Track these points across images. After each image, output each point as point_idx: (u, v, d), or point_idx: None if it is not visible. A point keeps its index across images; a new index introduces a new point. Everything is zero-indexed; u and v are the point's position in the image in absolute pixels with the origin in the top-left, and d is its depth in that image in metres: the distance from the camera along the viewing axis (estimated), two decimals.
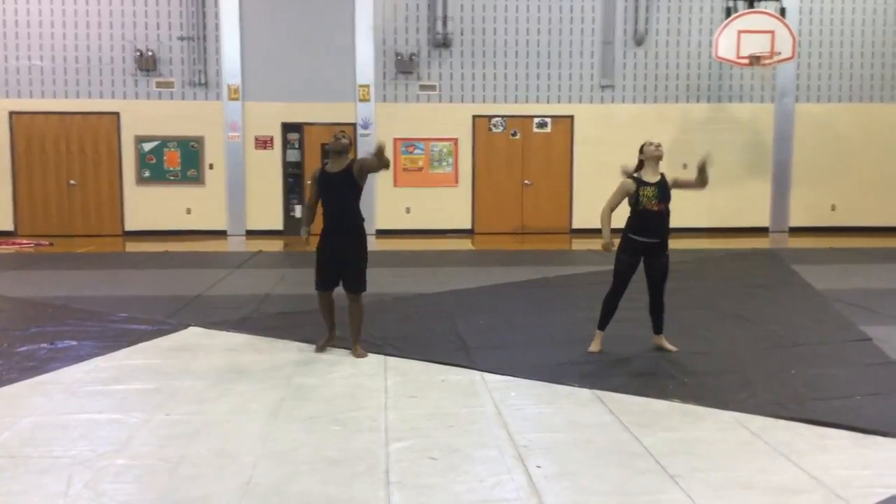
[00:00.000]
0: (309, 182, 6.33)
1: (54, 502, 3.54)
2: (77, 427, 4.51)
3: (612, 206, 6.17)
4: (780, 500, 3.59)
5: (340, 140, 6.08)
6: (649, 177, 6.09)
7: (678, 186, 6.16)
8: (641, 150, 6.18)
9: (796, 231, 15.58)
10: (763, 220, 15.77)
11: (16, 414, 4.73)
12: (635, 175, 6.13)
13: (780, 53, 13.89)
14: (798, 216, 15.75)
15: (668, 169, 6.34)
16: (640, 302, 6.49)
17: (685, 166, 15.35)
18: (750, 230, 15.39)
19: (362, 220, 6.18)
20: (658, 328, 6.33)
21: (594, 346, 6.22)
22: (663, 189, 6.06)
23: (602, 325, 6.27)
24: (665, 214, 6.10)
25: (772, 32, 13.86)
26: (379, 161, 5.90)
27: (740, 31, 13.87)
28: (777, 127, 15.62)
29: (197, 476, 3.85)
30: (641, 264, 6.19)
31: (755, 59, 13.92)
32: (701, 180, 6.17)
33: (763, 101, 15.58)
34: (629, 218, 6.14)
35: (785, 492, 3.68)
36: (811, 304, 8.29)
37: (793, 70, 15.32)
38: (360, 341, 6.21)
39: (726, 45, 13.98)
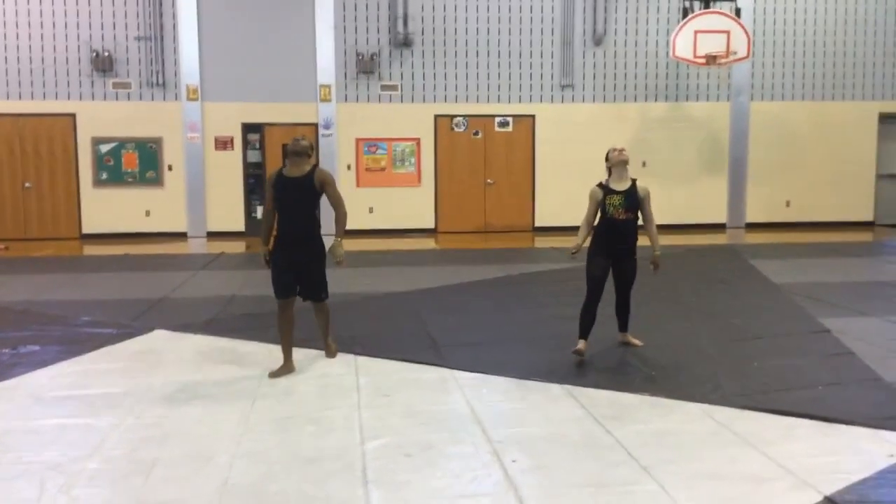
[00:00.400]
0: (266, 187, 5.86)
1: None
2: (46, 432, 4.45)
3: (589, 219, 6.11)
4: (749, 489, 3.69)
5: (300, 141, 5.66)
6: (617, 184, 6.04)
7: (640, 207, 6.08)
8: (607, 158, 6.13)
9: (752, 227, 15.90)
10: (720, 217, 16.07)
11: None
12: (603, 182, 6.10)
13: (735, 53, 14.15)
14: (754, 212, 16.07)
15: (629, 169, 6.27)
16: (609, 299, 6.57)
17: (644, 164, 15.64)
18: (707, 226, 15.66)
19: (319, 228, 5.75)
20: (624, 326, 6.40)
21: (581, 347, 6.00)
22: (631, 198, 6.00)
23: (584, 334, 6.04)
24: (631, 223, 6.03)
25: (727, 32, 14.11)
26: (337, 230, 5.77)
27: (697, 31, 14.10)
28: (733, 125, 15.92)
29: (172, 478, 3.83)
30: None
31: (711, 59, 14.17)
32: (650, 236, 6.17)
33: (719, 100, 15.87)
34: (597, 224, 6.10)
35: (754, 480, 3.78)
36: (771, 298, 8.48)
37: (748, 69, 15.63)
38: (331, 340, 6.15)
39: (683, 44, 14.21)
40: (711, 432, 4.46)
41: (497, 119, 15.44)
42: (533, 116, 15.51)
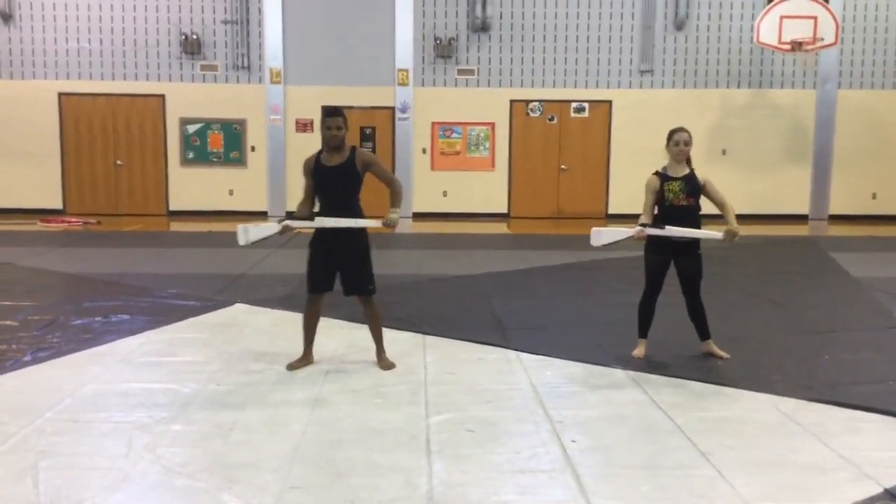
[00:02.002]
0: (304, 174, 5.41)
1: (116, 463, 3.77)
2: (135, 395, 4.77)
3: (648, 210, 5.61)
4: (807, 478, 3.70)
5: (336, 134, 5.19)
6: (675, 171, 5.63)
7: (706, 194, 5.66)
8: (669, 139, 5.65)
9: (836, 219, 15.44)
10: (802, 208, 15.65)
11: (77, 382, 4.99)
12: (660, 171, 5.69)
13: (822, 39, 13.73)
14: (838, 204, 15.60)
15: (706, 155, 6.17)
16: (675, 286, 6.54)
17: (724, 152, 15.38)
18: (789, 217, 15.29)
19: (364, 217, 5.37)
20: (703, 333, 5.79)
21: (638, 352, 5.73)
22: (691, 183, 5.58)
23: (642, 332, 5.77)
24: (695, 210, 5.62)
25: (814, 18, 13.70)
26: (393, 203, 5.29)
27: (782, 17, 13.73)
28: (818, 113, 15.46)
29: (248, 442, 4.07)
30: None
31: (797, 45, 13.79)
32: (727, 218, 5.66)
33: (805, 88, 15.42)
34: (657, 215, 5.66)
35: (813, 470, 3.79)
36: (848, 292, 8.30)
37: (835, 56, 15.14)
38: (384, 349, 5.56)
39: (768, 30, 13.86)
40: (775, 422, 4.45)
41: (573, 104, 15.39)
42: (610, 102, 15.40)
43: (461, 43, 15.22)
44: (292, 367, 5.39)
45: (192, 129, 15.27)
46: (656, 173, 5.70)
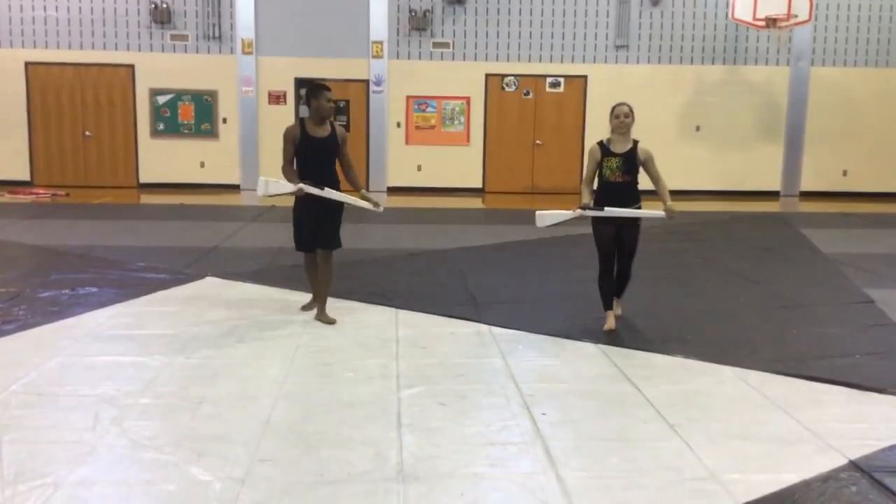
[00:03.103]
0: (286, 143, 5.77)
1: (82, 437, 3.73)
2: (102, 368, 4.71)
3: (589, 178, 5.79)
4: (773, 449, 3.75)
5: (332, 105, 5.84)
6: (617, 146, 5.73)
7: (645, 170, 5.78)
8: (611, 112, 5.76)
9: (807, 195, 15.58)
10: (774, 184, 15.78)
11: (42, 355, 4.92)
12: (603, 141, 5.80)
13: (796, 16, 13.75)
14: (809, 180, 15.74)
15: (679, 131, 6.26)
16: (653, 263, 6.61)
17: (698, 128, 15.44)
18: (761, 194, 15.41)
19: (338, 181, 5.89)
20: (619, 292, 6.05)
21: (609, 325, 5.80)
22: (630, 161, 5.69)
23: (607, 304, 5.89)
24: (631, 184, 5.75)
25: None
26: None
27: None
28: (792, 90, 15.54)
29: (217, 415, 4.04)
30: None
31: (771, 22, 13.81)
32: (660, 196, 5.81)
33: (778, 64, 15.49)
34: (597, 189, 5.79)
35: (779, 441, 3.84)
36: (817, 267, 8.39)
37: (809, 33, 15.19)
38: (325, 305, 5.96)
39: (743, 6, 13.86)
40: (742, 395, 4.51)
41: (548, 79, 15.32)
42: (585, 77, 15.35)
43: (436, 15, 15.07)
44: (305, 307, 6.17)
45: (162, 100, 15.01)
46: (599, 143, 5.84)
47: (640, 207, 5.83)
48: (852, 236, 10.75)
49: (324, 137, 5.74)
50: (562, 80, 15.34)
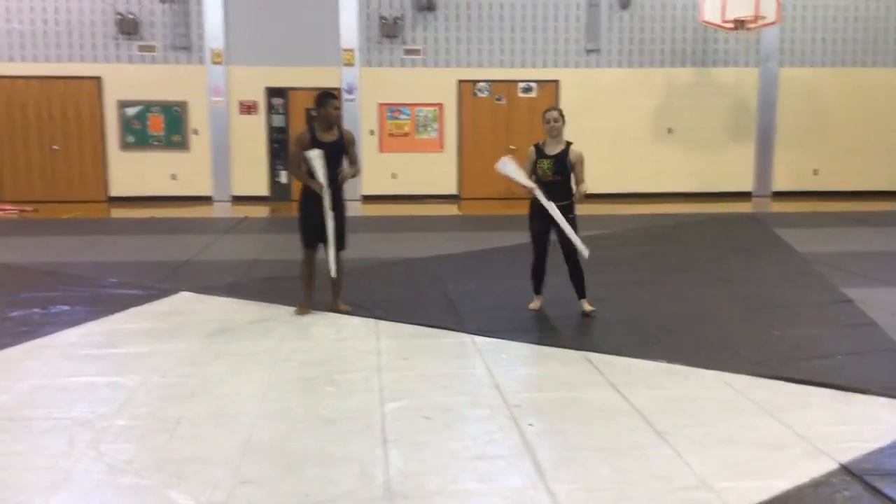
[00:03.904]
0: (296, 148, 6.27)
1: (58, 462, 3.60)
2: (76, 389, 4.57)
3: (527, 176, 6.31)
4: (763, 454, 3.72)
5: (339, 112, 6.31)
6: (550, 148, 6.25)
7: (573, 169, 6.25)
8: (542, 117, 6.31)
9: (779, 195, 15.74)
10: (746, 185, 15.92)
11: (13, 377, 4.77)
12: (539, 144, 6.32)
13: (764, 17, 13.89)
14: (781, 181, 15.90)
15: (651, 133, 6.41)
16: (629, 267, 6.60)
17: (670, 130, 15.54)
18: (733, 195, 15.53)
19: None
20: (580, 293, 6.37)
21: (534, 305, 6.46)
22: (560, 162, 6.18)
23: (536, 290, 6.49)
24: (562, 183, 6.21)
25: None
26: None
27: None
28: (761, 91, 15.70)
29: (196, 436, 3.93)
30: None
31: (740, 23, 13.94)
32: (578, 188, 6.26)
33: (747, 66, 15.64)
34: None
35: (768, 446, 3.81)
36: (793, 267, 8.43)
37: (777, 34, 15.37)
38: (342, 295, 6.51)
39: (712, 8, 13.99)
40: (727, 399, 4.48)
41: (521, 84, 15.35)
42: (557, 82, 15.39)
43: (407, 22, 15.02)
44: (299, 312, 6.33)
45: (130, 112, 14.81)
46: (535, 146, 6.36)
47: (572, 204, 6.25)
48: (826, 235, 10.85)
49: (332, 141, 6.17)
50: (534, 84, 15.37)
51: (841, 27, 15.72)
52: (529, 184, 6.16)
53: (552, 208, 6.08)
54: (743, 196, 15.69)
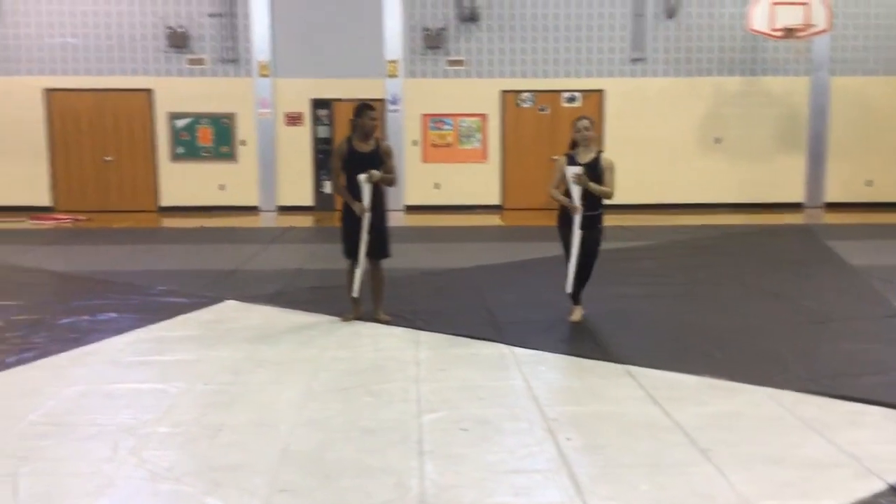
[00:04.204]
0: (337, 160, 6.43)
1: (100, 468, 3.67)
2: (121, 396, 4.66)
3: (554, 186, 6.37)
4: (809, 474, 3.61)
5: (375, 123, 6.36)
6: (581, 157, 6.26)
7: (601, 178, 6.25)
8: (572, 126, 6.37)
9: (832, 207, 15.36)
10: (797, 196, 15.57)
11: (60, 384, 4.88)
12: (569, 153, 6.31)
13: (814, 25, 13.63)
14: (833, 192, 15.52)
15: (698, 143, 6.34)
16: (674, 279, 6.50)
17: (717, 140, 15.30)
18: (784, 206, 15.21)
19: (384, 194, 6.51)
20: (577, 299, 6.44)
21: (575, 316, 6.41)
22: (592, 171, 6.18)
23: (575, 299, 6.45)
24: (591, 194, 6.21)
25: (806, 4, 13.59)
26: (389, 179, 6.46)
27: (774, 3, 13.61)
28: (812, 100, 15.36)
29: (236, 443, 3.97)
30: None
31: (789, 32, 13.69)
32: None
33: (798, 75, 15.32)
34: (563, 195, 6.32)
35: (815, 466, 3.71)
36: (846, 280, 8.22)
37: (828, 42, 15.03)
38: (383, 305, 6.56)
39: (760, 16, 13.75)
40: (774, 416, 4.37)
41: (565, 94, 15.26)
42: (602, 91, 15.27)
43: (450, 33, 15.06)
44: (345, 319, 6.45)
45: (180, 123, 15.10)
46: (566, 154, 6.36)
47: (601, 213, 6.36)
48: (879, 247, 10.55)
49: (367, 152, 6.29)
50: (578, 94, 15.27)
51: (894, 35, 15.32)
52: (577, 206, 6.15)
53: (576, 237, 6.20)
54: (794, 207, 15.36)
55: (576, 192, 6.14)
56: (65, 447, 3.92)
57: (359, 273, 6.32)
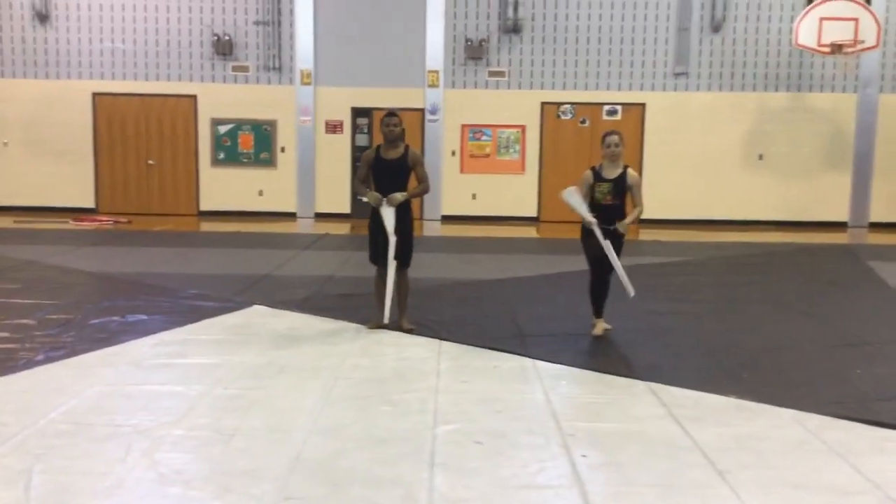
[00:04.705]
0: (362, 163, 6.59)
1: (112, 468, 3.70)
2: (140, 397, 4.71)
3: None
4: (829, 500, 3.50)
5: (394, 129, 6.30)
6: (608, 172, 6.27)
7: (630, 192, 6.30)
8: (602, 141, 6.35)
9: (877, 227, 14.98)
10: (842, 215, 15.22)
11: (83, 383, 4.95)
12: (595, 168, 6.33)
13: (863, 42, 13.33)
14: (879, 211, 15.14)
15: (742, 160, 6.28)
16: (706, 296, 6.37)
17: (761, 157, 15.04)
18: (827, 224, 14.88)
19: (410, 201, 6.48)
20: (598, 311, 6.41)
21: (597, 330, 6.34)
22: (619, 186, 6.22)
23: (597, 312, 6.39)
24: (617, 206, 6.27)
25: (856, 20, 13.31)
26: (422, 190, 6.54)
27: (822, 18, 13.37)
28: (859, 118, 15.02)
29: (249, 449, 3.97)
30: None
31: (837, 48, 13.41)
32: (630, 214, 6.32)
33: (845, 91, 15.00)
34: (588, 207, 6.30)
35: (837, 492, 3.59)
36: (884, 302, 8.00)
37: (877, 59, 14.70)
38: (406, 314, 6.53)
39: (807, 32, 13.51)
40: (798, 440, 4.24)
41: (605, 107, 15.14)
42: (643, 105, 15.12)
43: (492, 44, 15.07)
44: (371, 327, 6.43)
45: (223, 129, 15.32)
46: (592, 169, 6.38)
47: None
48: None
49: (394, 159, 6.35)
50: (619, 108, 15.14)
51: None
52: (592, 218, 6.17)
53: (608, 247, 6.16)
54: (838, 226, 15.01)
55: (599, 232, 6.18)
56: (80, 446, 3.97)
57: (388, 300, 6.36)
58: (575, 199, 6.27)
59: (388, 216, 6.29)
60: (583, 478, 3.69)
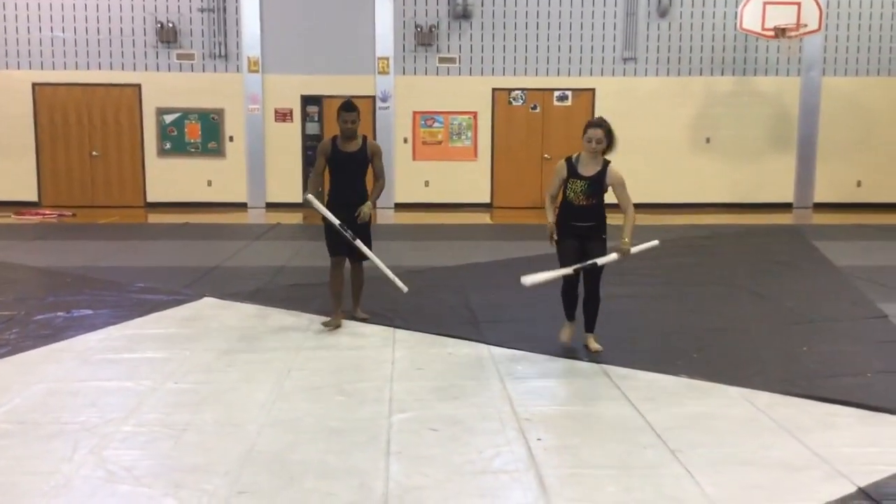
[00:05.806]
0: (318, 156, 6.36)
1: (59, 467, 3.60)
2: (87, 394, 4.59)
3: (553, 195, 5.58)
4: (779, 476, 3.57)
5: (351, 126, 6.10)
6: (585, 167, 5.39)
7: (615, 193, 5.47)
8: (584, 131, 5.43)
9: (821, 207, 15.33)
10: (787, 196, 15.54)
11: (28, 381, 4.81)
12: (572, 159, 5.47)
13: (806, 25, 13.58)
14: (823, 192, 15.49)
15: (689, 143, 6.06)
16: (658, 279, 6.44)
17: (708, 140, 15.26)
18: (773, 206, 15.18)
19: (367, 193, 6.26)
20: (589, 326, 5.61)
21: (564, 336, 5.64)
22: (596, 185, 5.37)
23: (569, 316, 5.66)
24: (594, 208, 5.46)
25: (798, 4, 13.55)
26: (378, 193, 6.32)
27: (766, 3, 13.56)
28: (803, 101, 15.33)
29: (200, 444, 3.90)
30: None
31: (781, 32, 13.64)
32: (623, 228, 5.45)
33: (789, 75, 15.29)
34: (560, 205, 5.54)
35: (785, 468, 3.66)
36: (829, 281, 8.18)
37: (820, 43, 15.00)
38: (360, 303, 6.50)
39: (751, 16, 13.71)
40: (748, 417, 4.32)
41: (556, 93, 15.20)
42: (593, 90, 15.22)
43: (442, 31, 15.00)
44: (326, 325, 6.17)
45: (168, 119, 15.01)
46: (567, 160, 5.52)
47: (604, 228, 5.58)
48: (867, 248, 10.52)
49: (352, 152, 6.15)
50: (569, 93, 15.22)
51: (887, 36, 15.29)
52: (563, 271, 5.43)
53: (578, 266, 5.43)
54: (783, 207, 15.33)
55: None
56: (26, 446, 3.85)
57: (381, 265, 6.12)
58: (536, 279, 5.48)
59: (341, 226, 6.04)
60: (538, 461, 3.70)
